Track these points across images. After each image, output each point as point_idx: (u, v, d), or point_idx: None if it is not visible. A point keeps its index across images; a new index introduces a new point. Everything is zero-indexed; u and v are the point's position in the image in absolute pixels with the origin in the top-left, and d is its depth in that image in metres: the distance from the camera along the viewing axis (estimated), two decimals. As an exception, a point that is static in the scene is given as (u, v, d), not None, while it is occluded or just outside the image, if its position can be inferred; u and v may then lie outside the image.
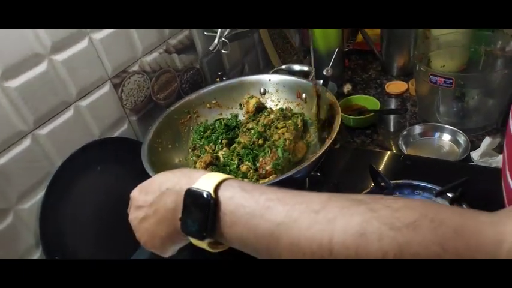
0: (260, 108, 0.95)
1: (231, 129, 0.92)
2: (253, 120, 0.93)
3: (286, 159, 0.76)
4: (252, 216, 0.39)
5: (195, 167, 0.83)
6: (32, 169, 0.72)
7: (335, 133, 0.72)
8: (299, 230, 0.35)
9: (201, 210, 0.41)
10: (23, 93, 0.68)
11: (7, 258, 0.70)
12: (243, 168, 0.76)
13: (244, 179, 0.72)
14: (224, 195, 0.41)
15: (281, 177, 0.68)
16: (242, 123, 0.94)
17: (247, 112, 0.95)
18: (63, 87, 0.74)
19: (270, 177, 0.73)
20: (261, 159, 0.76)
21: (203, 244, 0.43)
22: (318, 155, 0.69)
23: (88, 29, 0.77)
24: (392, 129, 1.10)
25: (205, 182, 0.43)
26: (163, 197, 0.47)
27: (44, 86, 0.71)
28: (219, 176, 0.43)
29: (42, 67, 0.71)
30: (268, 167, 0.73)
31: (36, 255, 0.75)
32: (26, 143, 0.71)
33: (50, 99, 0.73)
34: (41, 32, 0.69)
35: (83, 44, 0.76)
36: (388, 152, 0.97)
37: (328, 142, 0.71)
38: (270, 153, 0.75)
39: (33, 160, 0.72)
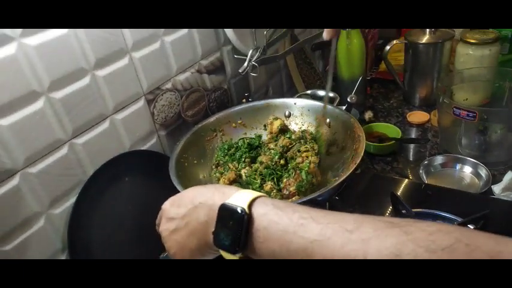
0: (284, 130, 0.98)
1: (254, 148, 0.94)
2: (275, 140, 0.96)
3: (309, 181, 0.78)
4: (285, 233, 0.40)
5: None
6: (66, 176, 0.76)
7: (359, 158, 0.74)
8: (333, 248, 0.37)
9: (234, 225, 0.43)
10: (65, 104, 0.72)
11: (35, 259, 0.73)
12: (267, 187, 0.78)
13: None
14: (258, 211, 0.43)
15: (304, 199, 0.69)
16: (264, 143, 0.96)
17: (271, 133, 0.98)
18: (102, 100, 0.79)
19: (293, 198, 0.75)
20: (285, 180, 0.78)
21: (234, 257, 0.45)
22: (341, 179, 0.70)
23: (129, 48, 0.82)
24: (412, 158, 1.11)
25: (239, 198, 0.45)
26: (196, 210, 0.49)
27: (85, 99, 0.76)
28: (252, 193, 0.45)
29: (85, 81, 0.75)
30: (291, 188, 0.75)
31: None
32: (64, 150, 0.74)
33: (89, 111, 0.77)
34: (87, 49, 0.74)
35: (124, 61, 0.81)
36: (408, 180, 0.98)
37: (352, 167, 0.73)
38: (294, 174, 0.77)
39: (68, 167, 0.76)
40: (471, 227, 0.74)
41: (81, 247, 0.78)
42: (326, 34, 0.72)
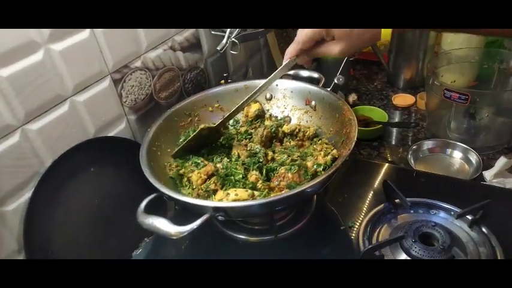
0: (260, 116, 0.90)
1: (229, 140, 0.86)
2: (249, 125, 0.88)
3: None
4: None
5: (188, 179, 0.75)
6: (19, 167, 0.66)
7: (352, 144, 0.68)
8: None
9: None
10: (14, 83, 0.62)
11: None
12: (252, 178, 0.70)
13: (254, 191, 0.66)
14: None
15: (293, 192, 0.62)
16: (239, 131, 0.88)
17: (246, 116, 0.90)
18: (59, 79, 0.68)
19: (283, 191, 0.67)
20: (282, 170, 0.70)
21: None
22: (334, 168, 0.64)
23: (90, 19, 0.71)
24: (398, 143, 1.07)
25: None
26: None
27: (39, 78, 0.65)
28: None
29: (37, 56, 0.64)
30: (283, 183, 0.68)
31: (18, 262, 0.68)
32: (14, 138, 0.64)
33: (44, 92, 0.66)
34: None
35: (84, 34, 0.70)
36: (398, 167, 0.93)
37: (345, 154, 0.67)
38: (295, 171, 0.69)
39: (21, 158, 0.66)
40: (469, 217, 0.69)
41: (39, 248, 0.68)
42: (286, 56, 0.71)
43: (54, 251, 0.69)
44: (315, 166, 0.72)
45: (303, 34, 0.66)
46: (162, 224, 0.58)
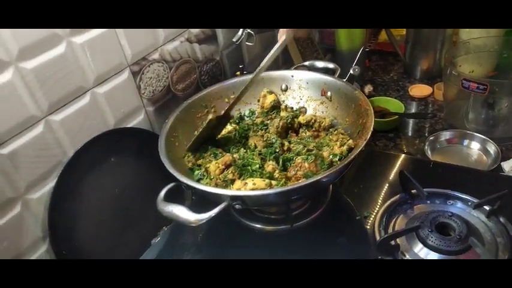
0: (276, 106, 0.90)
1: (245, 130, 0.86)
2: (265, 116, 0.89)
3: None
4: None
5: (206, 169, 0.76)
6: (43, 157, 0.68)
7: (369, 134, 0.68)
8: None
9: None
10: (38, 75, 0.64)
11: (13, 250, 0.66)
12: (269, 167, 0.71)
13: (272, 181, 0.67)
14: None
15: (310, 181, 0.63)
16: (254, 122, 0.88)
17: (262, 107, 0.91)
18: (81, 72, 0.70)
19: (300, 181, 0.68)
20: (299, 160, 0.71)
21: None
22: (350, 157, 0.64)
23: (109, 12, 0.72)
24: (415, 134, 1.06)
25: None
26: None
27: (61, 70, 0.67)
28: None
29: (60, 49, 0.66)
30: (300, 172, 0.69)
31: (43, 248, 0.71)
32: (39, 129, 0.66)
33: (67, 84, 0.68)
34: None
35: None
36: (414, 158, 0.93)
37: (361, 144, 0.67)
38: (312, 161, 0.70)
39: (45, 148, 0.68)
40: (487, 208, 0.69)
41: (63, 235, 0.71)
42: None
43: (77, 238, 0.72)
44: (331, 156, 0.72)
45: None
46: (181, 212, 0.60)
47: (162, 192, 0.65)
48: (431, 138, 0.97)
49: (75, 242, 0.71)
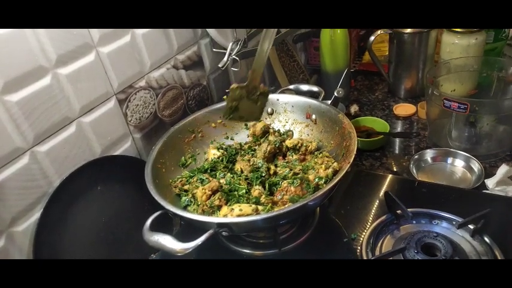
0: (266, 131, 0.91)
1: (232, 155, 0.87)
2: (255, 141, 0.90)
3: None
4: None
5: (193, 195, 0.76)
6: (28, 188, 0.68)
7: (352, 157, 0.69)
8: None
9: None
10: (24, 107, 0.64)
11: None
12: (255, 192, 0.71)
13: (258, 206, 0.68)
14: None
15: (296, 206, 0.64)
16: (242, 149, 0.89)
17: (254, 135, 0.91)
18: (66, 102, 0.70)
19: (286, 205, 0.69)
20: (285, 185, 0.72)
21: None
22: (335, 180, 0.65)
23: (95, 43, 0.73)
24: (400, 153, 1.07)
25: None
26: None
27: (47, 101, 0.67)
28: None
29: (45, 81, 0.67)
30: (286, 197, 0.70)
31: (29, 281, 0.69)
32: (24, 160, 0.66)
33: (52, 115, 0.69)
34: (47, 44, 0.65)
35: (90, 57, 0.73)
36: (400, 177, 0.94)
37: (346, 166, 0.68)
38: (298, 185, 0.71)
39: (30, 179, 0.68)
40: (471, 227, 0.70)
41: (49, 266, 0.70)
42: None
43: (63, 269, 0.71)
44: (316, 179, 0.73)
45: None
46: (167, 241, 0.60)
47: (148, 222, 0.65)
48: (416, 156, 0.99)
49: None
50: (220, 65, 0.92)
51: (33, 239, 0.68)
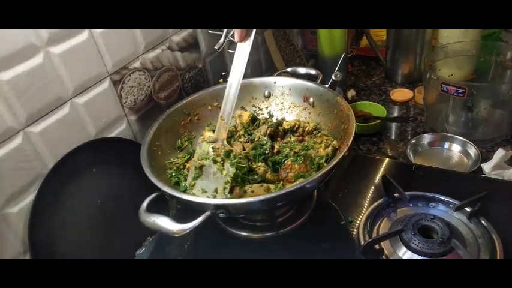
0: (254, 118, 0.90)
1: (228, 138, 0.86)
2: (245, 130, 0.88)
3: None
4: None
5: None
6: (22, 170, 0.66)
7: (350, 140, 0.68)
8: None
9: None
10: (15, 87, 0.62)
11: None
12: (260, 170, 0.71)
13: (270, 185, 0.68)
14: None
15: (293, 187, 0.63)
16: (239, 130, 0.88)
17: (242, 124, 0.90)
18: (59, 82, 0.69)
19: (293, 183, 0.69)
20: (289, 162, 0.72)
21: None
22: (333, 162, 0.64)
23: (88, 21, 0.72)
24: (397, 138, 1.07)
25: None
26: None
27: (39, 80, 0.66)
28: None
29: (37, 59, 0.65)
30: (291, 174, 0.69)
31: (23, 263, 0.69)
32: (17, 141, 0.65)
33: (45, 95, 0.67)
34: (38, 21, 0.64)
35: (83, 36, 0.71)
36: (397, 161, 0.94)
37: (344, 149, 0.67)
38: (302, 162, 0.71)
39: (24, 160, 0.66)
40: (468, 209, 0.70)
41: (44, 249, 0.69)
42: (237, 36, 0.64)
43: (58, 251, 0.70)
44: (317, 158, 0.73)
45: None
46: (164, 222, 0.59)
47: (145, 203, 0.64)
48: (413, 141, 0.98)
49: (56, 255, 0.70)
50: (216, 47, 0.91)
51: (27, 221, 0.67)
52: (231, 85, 0.71)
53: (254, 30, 0.66)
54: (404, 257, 0.65)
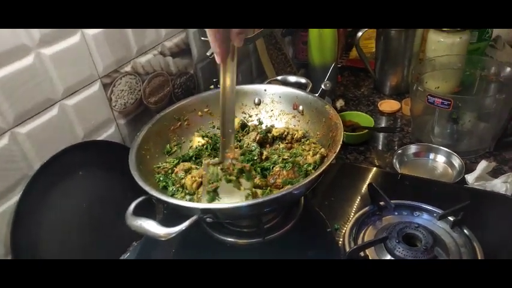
0: (244, 124, 0.91)
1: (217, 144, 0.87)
2: (235, 136, 0.89)
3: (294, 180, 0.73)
4: None
5: (181, 184, 0.75)
6: (7, 170, 0.66)
7: (338, 147, 0.69)
8: None
9: None
10: (4, 86, 0.62)
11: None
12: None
13: (257, 190, 0.68)
14: None
15: (281, 193, 0.63)
16: None
17: None
18: (49, 83, 0.69)
19: (281, 189, 0.69)
20: (277, 169, 0.72)
21: None
22: (321, 169, 0.65)
23: (80, 24, 0.72)
24: (384, 148, 1.09)
25: None
26: None
27: (29, 81, 0.65)
28: None
29: (28, 60, 0.65)
30: (279, 180, 0.70)
31: (5, 266, 0.67)
32: (3, 141, 0.64)
33: (34, 96, 0.67)
34: (30, 22, 0.64)
35: (75, 38, 0.71)
36: (383, 171, 0.95)
37: (330, 158, 0.68)
38: (290, 168, 0.71)
39: (10, 160, 0.66)
40: (451, 218, 0.71)
41: (27, 251, 0.68)
42: (217, 58, 0.61)
43: (41, 255, 0.69)
44: (305, 165, 0.74)
45: (216, 36, 0.59)
46: (150, 226, 0.59)
47: (131, 207, 0.64)
48: (399, 151, 1.00)
49: (39, 258, 0.69)
50: (208, 54, 0.92)
51: (11, 223, 0.66)
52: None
53: (236, 48, 0.65)
54: (389, 265, 0.66)
